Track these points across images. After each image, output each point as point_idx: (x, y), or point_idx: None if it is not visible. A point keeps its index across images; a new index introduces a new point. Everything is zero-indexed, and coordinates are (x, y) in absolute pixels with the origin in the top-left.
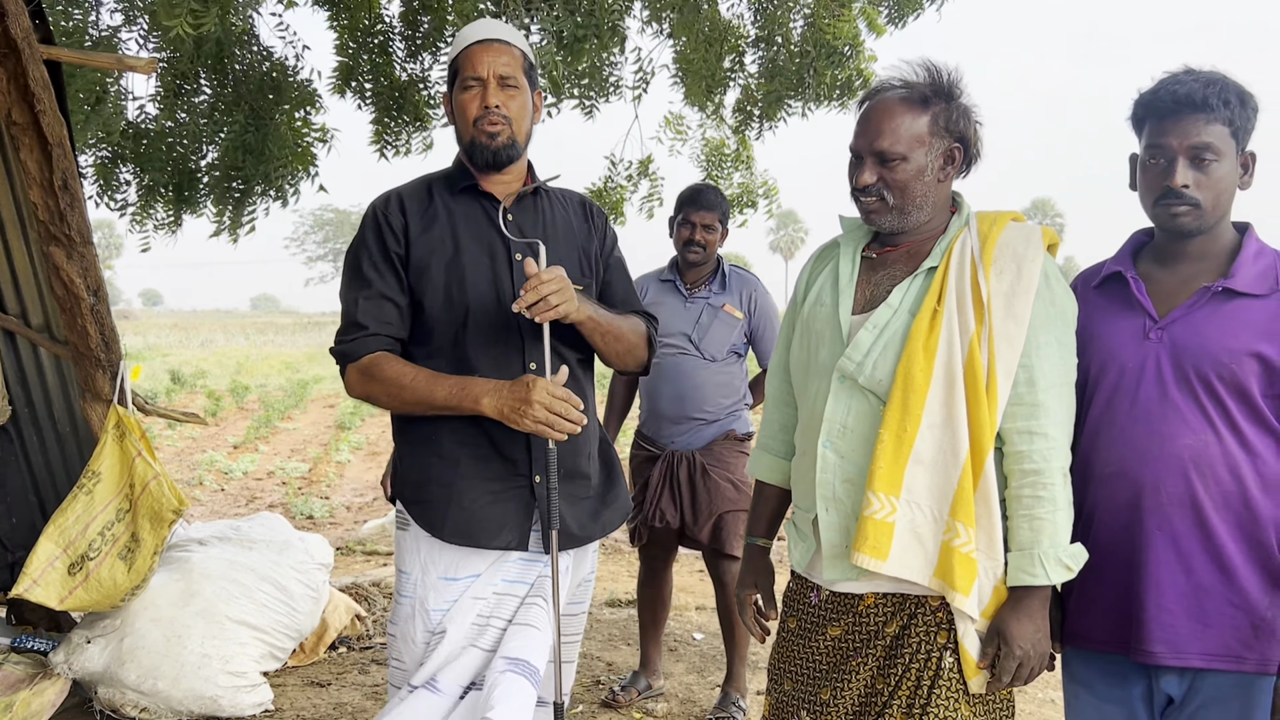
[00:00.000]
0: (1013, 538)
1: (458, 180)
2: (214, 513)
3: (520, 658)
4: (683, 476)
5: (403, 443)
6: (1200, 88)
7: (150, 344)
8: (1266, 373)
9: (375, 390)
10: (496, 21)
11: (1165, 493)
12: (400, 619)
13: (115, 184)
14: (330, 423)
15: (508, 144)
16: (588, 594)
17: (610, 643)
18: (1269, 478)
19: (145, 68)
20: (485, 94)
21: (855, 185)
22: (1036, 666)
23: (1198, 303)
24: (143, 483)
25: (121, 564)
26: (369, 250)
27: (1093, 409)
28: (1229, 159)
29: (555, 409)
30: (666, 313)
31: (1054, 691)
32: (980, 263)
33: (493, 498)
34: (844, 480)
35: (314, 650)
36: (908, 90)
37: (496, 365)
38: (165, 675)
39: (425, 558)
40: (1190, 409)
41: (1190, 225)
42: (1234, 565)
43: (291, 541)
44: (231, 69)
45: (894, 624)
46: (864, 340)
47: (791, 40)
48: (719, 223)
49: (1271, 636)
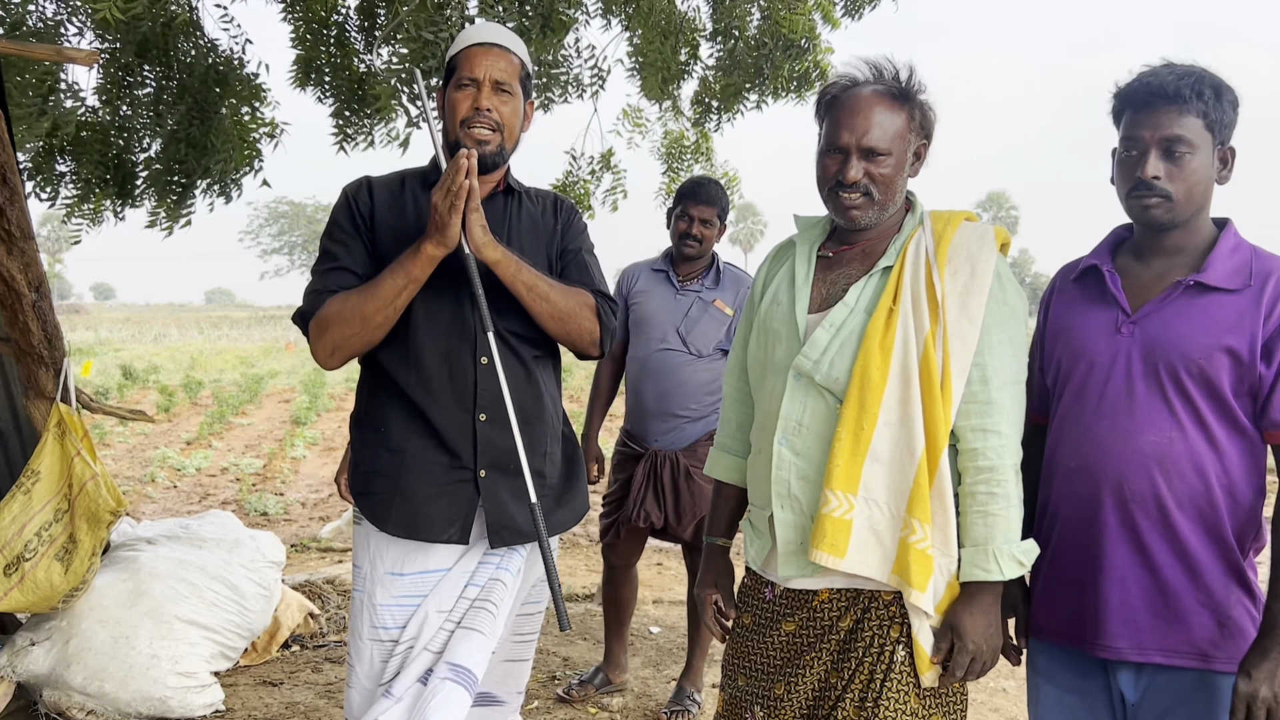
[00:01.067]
0: (966, 534)
1: (431, 177)
2: (166, 510)
3: (461, 665)
4: (666, 478)
5: (356, 436)
6: (1174, 80)
7: (102, 339)
8: (1236, 367)
9: (336, 329)
10: (500, 27)
11: (1129, 489)
12: (353, 613)
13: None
14: (285, 418)
15: (495, 153)
16: (543, 593)
17: (566, 638)
18: (1234, 476)
19: (86, 59)
20: (478, 96)
21: (842, 181)
22: (989, 661)
23: (1170, 297)
24: (80, 483)
25: (59, 565)
26: (334, 227)
27: (1061, 403)
28: (1204, 152)
29: (446, 184)
30: (656, 303)
31: (1006, 680)
32: (935, 262)
33: (436, 491)
34: (799, 478)
35: (266, 649)
36: (883, 85)
37: (446, 359)
38: (113, 677)
39: (374, 552)
40: (1157, 405)
41: (1161, 218)
42: (1199, 563)
43: (242, 539)
44: (176, 61)
45: (848, 618)
46: (820, 339)
47: (748, 32)
48: (717, 218)
49: (1237, 634)
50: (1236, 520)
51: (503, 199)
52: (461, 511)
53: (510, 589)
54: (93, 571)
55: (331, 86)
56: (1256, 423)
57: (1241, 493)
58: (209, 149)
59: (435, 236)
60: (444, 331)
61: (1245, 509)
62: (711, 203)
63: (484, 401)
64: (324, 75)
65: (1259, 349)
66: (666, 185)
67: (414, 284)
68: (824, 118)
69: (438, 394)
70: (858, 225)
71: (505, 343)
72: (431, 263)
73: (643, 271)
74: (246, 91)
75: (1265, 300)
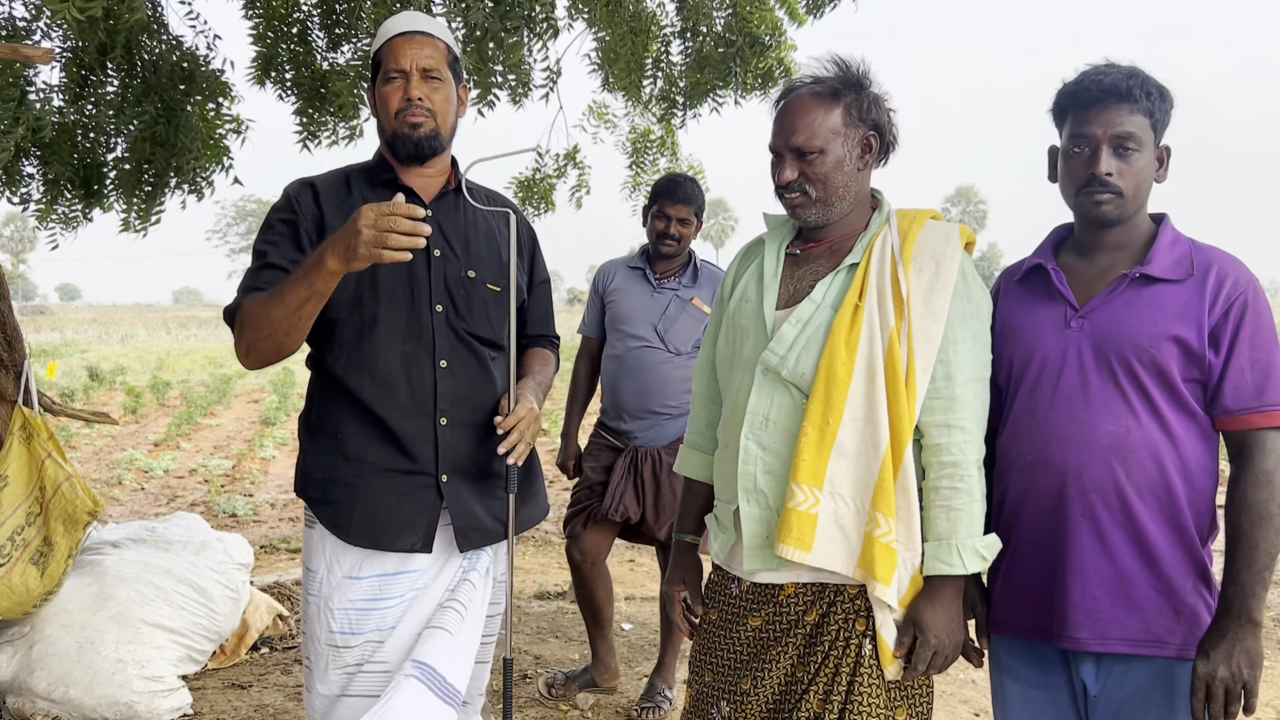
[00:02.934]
0: (930, 528)
1: (378, 173)
2: (133, 512)
3: (427, 663)
4: (647, 473)
5: (308, 441)
6: (1124, 78)
7: (68, 340)
8: (1185, 355)
9: (249, 331)
10: (420, 14)
11: (1088, 479)
12: (308, 617)
13: (19, 178)
14: (254, 418)
15: (430, 135)
16: (503, 593)
17: (538, 635)
18: (1190, 463)
19: (42, 58)
20: (408, 86)
21: (778, 183)
22: (950, 655)
23: (1116, 289)
24: (54, 485)
25: (34, 569)
26: (267, 227)
27: (1016, 400)
28: (1148, 150)
29: (383, 225)
30: (632, 301)
31: (975, 672)
32: (900, 260)
33: (398, 498)
34: (765, 472)
35: (235, 652)
36: (818, 85)
37: (406, 363)
38: (77, 683)
39: (331, 556)
40: (1112, 395)
41: (1111, 214)
42: (1157, 550)
43: (209, 542)
44: (140, 59)
45: (814, 612)
46: (787, 334)
47: (714, 29)
48: (694, 215)
49: (1193, 620)
50: (1194, 507)
51: (454, 197)
52: (424, 519)
53: (479, 589)
54: (67, 574)
55: (293, 84)
56: (1208, 410)
57: (1197, 479)
58: (178, 147)
59: (342, 256)
60: (401, 335)
61: (1202, 495)
62: (688, 201)
63: (444, 405)
64: (284, 72)
65: (1206, 337)
66: (632, 179)
67: (318, 298)
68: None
69: (397, 399)
70: (807, 222)
71: (467, 345)
72: (334, 278)
73: (619, 269)
74: (213, 88)
75: (1209, 289)
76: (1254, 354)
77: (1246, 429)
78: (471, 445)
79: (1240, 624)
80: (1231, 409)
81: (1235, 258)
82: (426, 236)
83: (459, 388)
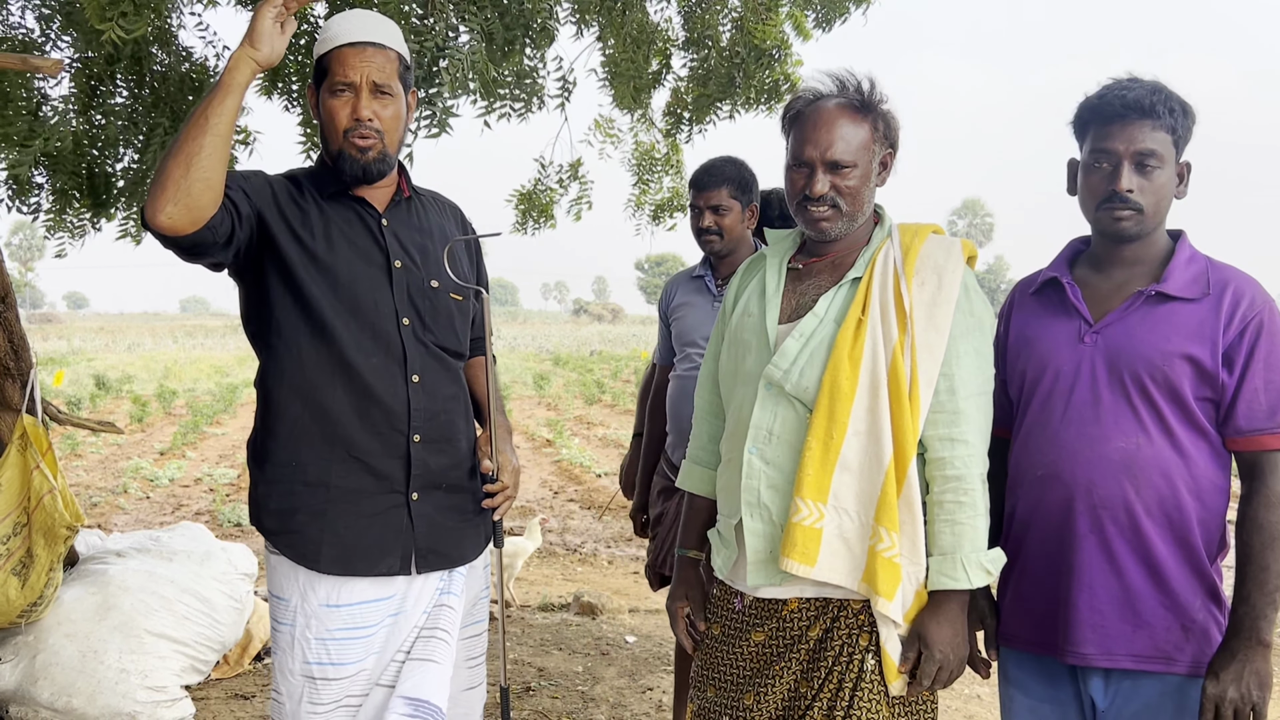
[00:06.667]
0: (934, 542)
1: (327, 184)
2: (139, 521)
3: (420, 698)
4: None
5: (257, 471)
6: (1147, 94)
7: (75, 348)
8: (1198, 374)
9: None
10: (371, 16)
11: (1097, 495)
12: (279, 648)
13: (28, 188)
14: None
15: (378, 159)
16: (484, 611)
17: (542, 648)
18: (1200, 481)
19: (51, 68)
20: (357, 104)
21: (809, 195)
22: (955, 670)
23: (1131, 306)
24: (38, 496)
25: (15, 580)
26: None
27: (1028, 413)
28: (1170, 166)
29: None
30: (695, 316)
31: (980, 688)
32: (903, 274)
33: (369, 521)
34: (769, 486)
35: (238, 662)
36: (846, 98)
37: (375, 378)
38: (81, 692)
39: (305, 584)
40: (1123, 411)
41: (1131, 230)
42: (1165, 568)
43: (213, 551)
44: (150, 70)
45: (817, 627)
46: (791, 348)
47: (720, 43)
48: (731, 198)
49: (1202, 638)
50: (1204, 525)
51: (406, 204)
52: (399, 539)
53: (458, 612)
54: (51, 586)
55: (299, 95)
56: (1220, 429)
57: (1208, 497)
58: None
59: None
60: (369, 350)
61: (1212, 513)
62: (718, 183)
63: (418, 421)
64: (291, 83)
65: (1220, 356)
66: (636, 197)
67: (229, 90)
68: (790, 132)
69: (367, 416)
70: (827, 236)
71: (436, 358)
72: (244, 64)
73: (680, 283)
74: None
75: (1225, 309)
76: (1268, 375)
77: (1259, 450)
78: (442, 462)
79: (1250, 645)
80: (1244, 429)
81: (1252, 277)
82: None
83: (432, 403)
